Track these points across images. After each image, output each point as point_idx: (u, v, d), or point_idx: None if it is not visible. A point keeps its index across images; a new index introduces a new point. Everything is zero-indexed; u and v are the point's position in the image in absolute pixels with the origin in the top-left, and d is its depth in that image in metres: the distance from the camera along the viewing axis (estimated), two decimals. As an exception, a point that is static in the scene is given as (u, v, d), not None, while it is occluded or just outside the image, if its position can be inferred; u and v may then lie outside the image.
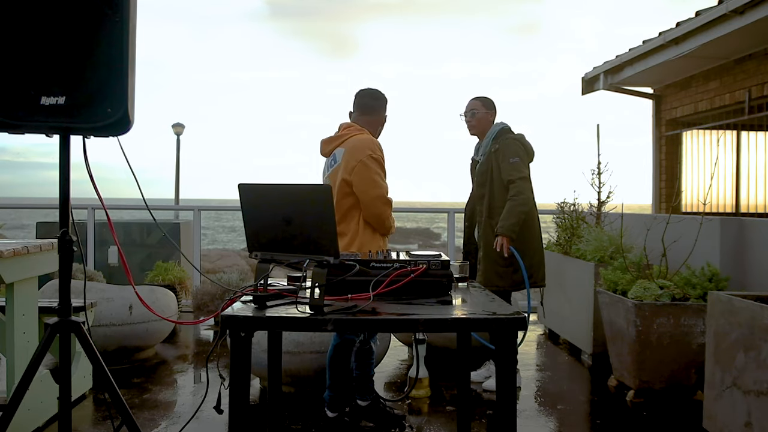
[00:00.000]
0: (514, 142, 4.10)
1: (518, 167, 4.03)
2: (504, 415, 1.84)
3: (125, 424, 2.12)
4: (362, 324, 2.12)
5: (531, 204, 4.04)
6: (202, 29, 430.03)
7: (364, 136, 3.35)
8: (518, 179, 4.00)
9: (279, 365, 2.63)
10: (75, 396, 3.74)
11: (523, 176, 4.02)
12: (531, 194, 4.05)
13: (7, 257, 2.95)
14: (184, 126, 21.60)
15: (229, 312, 1.84)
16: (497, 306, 2.02)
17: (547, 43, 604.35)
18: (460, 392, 2.73)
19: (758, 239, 4.22)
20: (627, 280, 4.21)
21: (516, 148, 4.07)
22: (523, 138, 4.18)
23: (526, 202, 3.99)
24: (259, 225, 2.00)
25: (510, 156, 4.04)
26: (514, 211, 3.95)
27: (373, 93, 3.50)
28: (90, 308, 4.04)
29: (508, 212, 3.97)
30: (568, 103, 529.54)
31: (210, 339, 5.70)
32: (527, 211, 4.01)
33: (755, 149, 6.68)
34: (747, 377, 2.88)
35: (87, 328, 2.12)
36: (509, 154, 4.05)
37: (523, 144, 4.13)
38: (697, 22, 5.82)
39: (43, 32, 1.94)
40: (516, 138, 4.13)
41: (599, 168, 5.82)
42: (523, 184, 4.01)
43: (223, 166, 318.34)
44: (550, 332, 5.88)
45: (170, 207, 16.39)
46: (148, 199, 2.32)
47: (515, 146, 4.08)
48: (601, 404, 4.02)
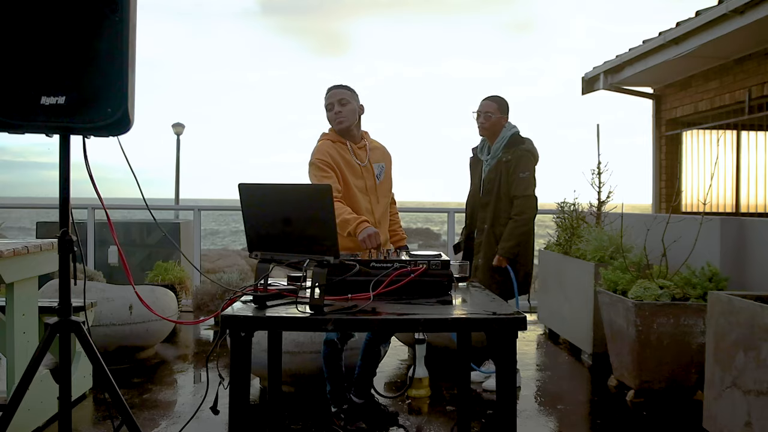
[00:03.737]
0: (527, 154, 4.11)
1: (527, 183, 4.06)
2: (504, 415, 1.84)
3: (125, 424, 2.12)
4: (362, 324, 2.12)
5: (531, 224, 4.16)
6: (196, 28, 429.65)
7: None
8: (523, 197, 4.06)
9: (279, 365, 2.63)
10: (75, 396, 3.73)
11: (529, 194, 4.08)
12: (532, 213, 4.11)
13: (7, 257, 2.95)
14: (184, 126, 21.60)
15: (229, 312, 1.84)
16: (497, 306, 2.02)
17: (545, 41, 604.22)
18: (460, 392, 2.73)
19: (758, 239, 4.22)
20: (627, 279, 4.21)
21: (527, 162, 4.09)
22: (533, 146, 4.18)
23: (527, 222, 4.09)
24: (259, 225, 2.01)
25: (521, 170, 4.06)
26: (515, 233, 4.06)
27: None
28: (90, 308, 4.04)
29: (510, 234, 4.06)
30: (568, 103, 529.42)
31: (210, 339, 5.70)
32: (528, 231, 4.12)
33: (755, 149, 6.68)
34: (747, 377, 2.88)
35: (87, 327, 2.12)
36: (520, 168, 4.07)
37: (533, 155, 4.15)
38: (697, 22, 5.82)
39: (43, 32, 1.94)
40: (528, 149, 4.13)
41: (599, 168, 5.82)
42: (527, 203, 4.07)
43: (223, 166, 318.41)
44: (550, 332, 5.88)
45: (170, 207, 16.39)
46: (148, 199, 2.32)
47: (527, 159, 4.09)
48: (601, 404, 4.02)
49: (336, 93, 3.35)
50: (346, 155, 3.33)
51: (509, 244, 4.05)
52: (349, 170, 3.32)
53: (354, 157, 3.36)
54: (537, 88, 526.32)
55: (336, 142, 3.36)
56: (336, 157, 3.30)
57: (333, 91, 3.37)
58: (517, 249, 4.08)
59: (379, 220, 3.40)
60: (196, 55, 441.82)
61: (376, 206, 3.40)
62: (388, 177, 3.51)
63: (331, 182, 3.22)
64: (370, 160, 3.41)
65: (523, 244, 4.10)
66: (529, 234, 4.16)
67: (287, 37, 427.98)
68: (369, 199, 3.37)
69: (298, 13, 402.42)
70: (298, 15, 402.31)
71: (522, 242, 4.09)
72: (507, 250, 4.06)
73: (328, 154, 3.29)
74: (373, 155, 3.46)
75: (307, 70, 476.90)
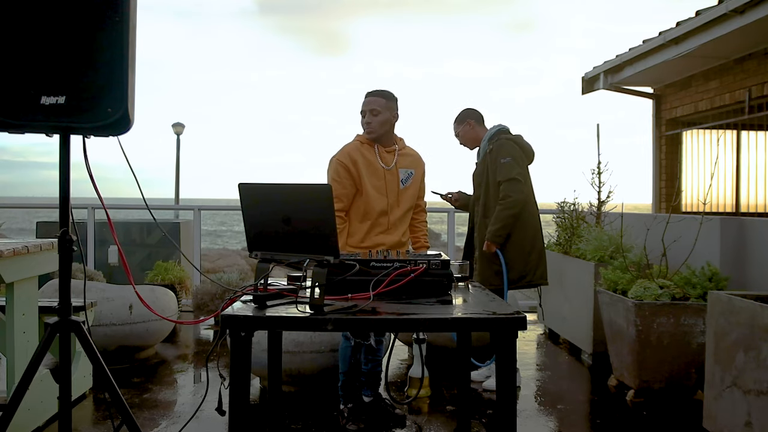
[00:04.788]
0: (508, 142, 4.11)
1: (509, 168, 4.03)
2: (504, 415, 1.84)
3: (125, 424, 2.12)
4: (362, 324, 2.12)
5: (519, 206, 4.04)
6: (196, 28, 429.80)
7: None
8: (506, 181, 4.02)
9: (279, 365, 2.63)
10: (75, 396, 3.73)
11: (512, 177, 4.02)
12: (520, 195, 4.03)
13: (7, 257, 2.95)
14: (184, 126, 21.61)
15: (229, 312, 1.84)
16: (497, 306, 2.02)
17: (545, 41, 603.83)
18: (460, 392, 2.73)
19: (758, 239, 4.22)
20: (627, 279, 4.21)
21: (509, 148, 4.08)
22: (521, 138, 4.18)
23: (514, 204, 4.01)
24: (259, 224, 2.01)
25: (502, 156, 4.06)
26: (501, 216, 4.02)
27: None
28: (90, 308, 4.04)
29: (495, 217, 4.05)
30: (568, 103, 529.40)
31: (210, 339, 5.70)
32: (515, 214, 4.03)
33: (755, 149, 6.68)
34: (747, 377, 2.88)
35: (87, 327, 2.12)
36: (501, 154, 4.06)
37: (518, 144, 4.13)
38: (697, 22, 5.82)
39: (44, 32, 1.94)
40: (510, 138, 4.14)
41: (599, 168, 5.82)
42: (511, 186, 4.01)
43: (223, 166, 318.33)
44: (550, 332, 5.88)
45: (170, 207, 16.38)
46: (148, 198, 2.32)
47: (508, 146, 4.09)
48: (601, 404, 4.02)
49: (370, 101, 3.44)
50: (370, 157, 3.44)
51: (495, 227, 4.02)
52: (370, 171, 3.42)
53: (379, 159, 3.45)
54: (537, 88, 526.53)
55: (364, 143, 3.48)
56: (357, 158, 3.41)
57: (369, 98, 3.46)
58: (504, 232, 4.01)
59: (394, 222, 3.47)
60: (196, 55, 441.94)
61: (394, 209, 3.47)
62: (415, 184, 3.57)
63: (339, 186, 3.35)
64: (396, 165, 3.49)
65: (512, 228, 4.03)
66: (518, 218, 4.06)
67: (286, 36, 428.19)
68: (387, 201, 3.44)
69: (296, 13, 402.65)
70: (296, 14, 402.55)
71: (509, 225, 4.02)
72: (493, 234, 4.02)
73: (348, 155, 3.42)
74: (403, 161, 3.53)
75: (306, 69, 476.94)
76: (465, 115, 4.31)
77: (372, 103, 3.43)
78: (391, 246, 3.43)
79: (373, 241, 3.42)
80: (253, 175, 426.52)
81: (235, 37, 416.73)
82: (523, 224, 4.10)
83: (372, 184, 3.41)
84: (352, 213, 3.44)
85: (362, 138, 3.49)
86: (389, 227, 3.45)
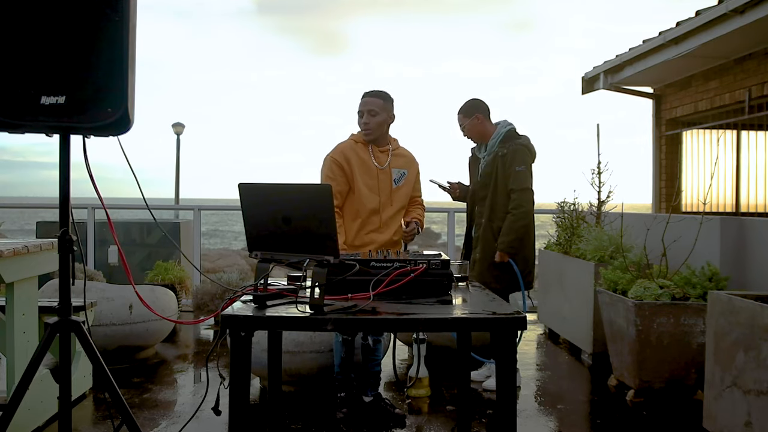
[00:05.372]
0: (523, 148, 4.11)
1: (523, 177, 4.06)
2: (504, 415, 1.84)
3: (125, 424, 2.12)
4: (362, 324, 2.12)
5: (530, 217, 4.12)
6: (196, 28, 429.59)
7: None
8: (520, 190, 4.05)
9: (279, 365, 2.63)
10: (75, 396, 3.73)
11: (526, 187, 4.06)
12: (530, 206, 4.10)
13: (7, 257, 2.95)
14: (184, 126, 21.61)
15: (229, 311, 1.84)
16: (497, 306, 2.02)
17: (544, 41, 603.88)
18: (460, 392, 2.73)
19: (758, 239, 4.22)
20: (627, 279, 4.21)
21: (524, 156, 4.09)
22: (529, 142, 4.19)
23: (525, 215, 4.06)
24: (260, 224, 2.01)
25: (517, 164, 4.06)
26: (514, 227, 4.04)
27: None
28: (90, 308, 4.04)
29: (509, 228, 4.05)
30: (568, 103, 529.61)
31: (210, 339, 5.70)
32: (527, 224, 4.09)
33: (755, 149, 6.68)
34: (747, 377, 2.88)
35: (87, 327, 2.12)
36: (516, 161, 4.06)
37: (529, 149, 4.15)
38: (697, 22, 5.82)
39: (44, 32, 1.94)
40: (524, 144, 4.14)
41: (599, 167, 5.81)
42: (524, 196, 4.05)
43: (223, 166, 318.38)
44: (550, 332, 5.88)
45: (170, 207, 16.38)
46: (148, 199, 2.33)
47: (523, 153, 4.09)
48: (601, 404, 4.02)
49: (368, 102, 3.47)
50: (364, 156, 3.48)
51: (509, 239, 4.04)
52: (363, 169, 3.46)
53: (372, 158, 3.49)
54: (536, 87, 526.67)
55: (359, 142, 3.52)
56: (350, 156, 3.45)
57: (366, 99, 3.49)
58: (517, 243, 4.06)
59: (386, 221, 3.50)
60: (196, 55, 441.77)
61: (386, 208, 3.50)
62: (408, 184, 3.60)
63: (333, 183, 3.38)
64: (390, 165, 3.52)
65: (522, 237, 4.08)
66: (529, 227, 4.13)
67: (284, 36, 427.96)
68: (379, 199, 3.47)
69: (295, 13, 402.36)
70: (295, 14, 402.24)
71: (522, 235, 4.07)
72: (507, 245, 4.04)
73: (342, 153, 3.47)
74: (396, 161, 3.57)
75: (305, 69, 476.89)
76: (473, 108, 4.23)
77: (370, 104, 3.45)
78: (383, 245, 3.45)
79: (364, 240, 3.45)
80: (252, 175, 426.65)
81: (234, 37, 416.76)
82: (530, 233, 4.18)
83: (364, 183, 3.44)
84: (344, 211, 3.47)
85: (357, 137, 3.52)
86: (381, 226, 3.48)
